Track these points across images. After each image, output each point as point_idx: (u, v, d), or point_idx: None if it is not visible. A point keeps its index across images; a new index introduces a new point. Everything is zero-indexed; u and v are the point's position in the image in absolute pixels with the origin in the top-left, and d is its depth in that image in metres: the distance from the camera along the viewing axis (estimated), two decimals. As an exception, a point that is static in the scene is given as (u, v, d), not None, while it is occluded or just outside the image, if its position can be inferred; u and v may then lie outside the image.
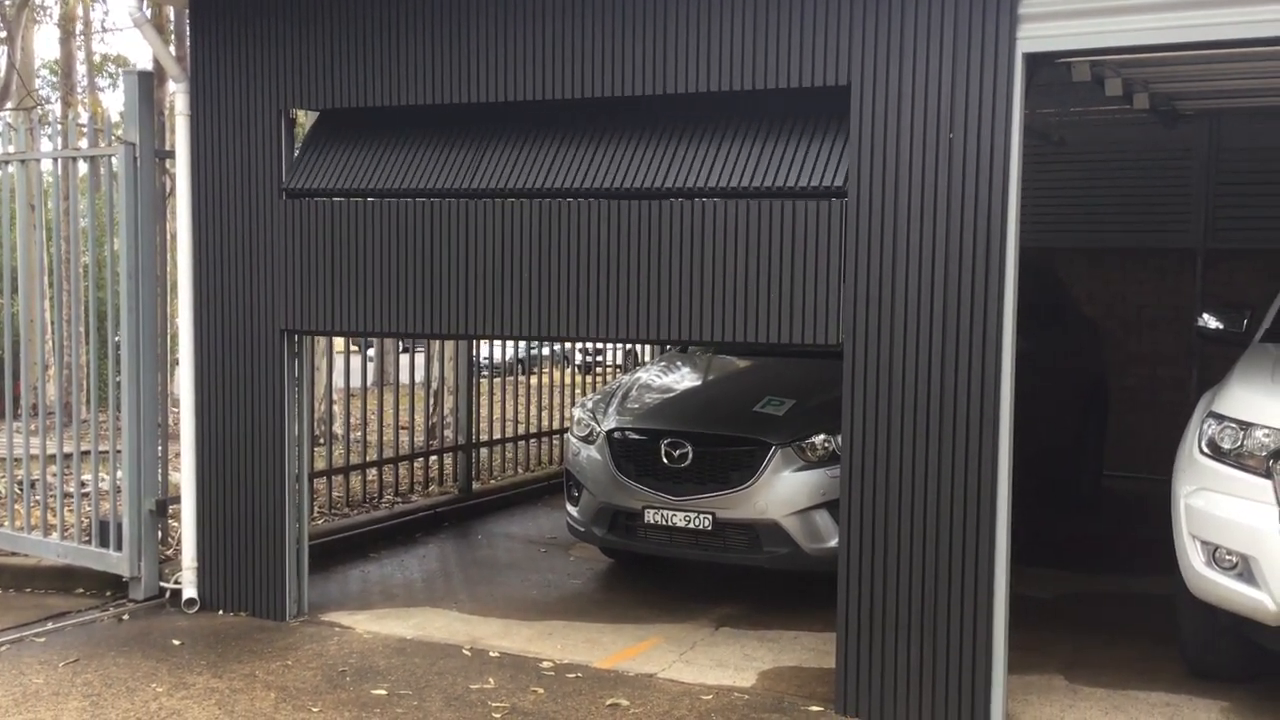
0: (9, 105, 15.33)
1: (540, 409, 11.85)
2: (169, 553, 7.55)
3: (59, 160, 7.59)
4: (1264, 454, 5.23)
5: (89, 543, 7.43)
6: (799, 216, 5.51)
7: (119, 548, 7.22)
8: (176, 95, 6.95)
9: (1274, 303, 6.65)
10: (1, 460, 8.25)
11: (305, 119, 6.98)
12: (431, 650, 6.38)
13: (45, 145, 7.83)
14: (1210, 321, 6.73)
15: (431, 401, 10.84)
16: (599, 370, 15.38)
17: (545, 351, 18.53)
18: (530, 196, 6.08)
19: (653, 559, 7.92)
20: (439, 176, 6.31)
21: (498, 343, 12.30)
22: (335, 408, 11.33)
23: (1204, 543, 5.40)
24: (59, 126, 7.70)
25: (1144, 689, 5.85)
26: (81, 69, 20.59)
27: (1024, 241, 5.34)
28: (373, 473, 9.68)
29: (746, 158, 5.69)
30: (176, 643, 6.45)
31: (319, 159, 6.65)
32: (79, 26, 19.33)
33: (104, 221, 7.34)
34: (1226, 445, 5.40)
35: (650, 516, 7.18)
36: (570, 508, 7.79)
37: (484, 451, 10.85)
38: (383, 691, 5.74)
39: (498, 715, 5.46)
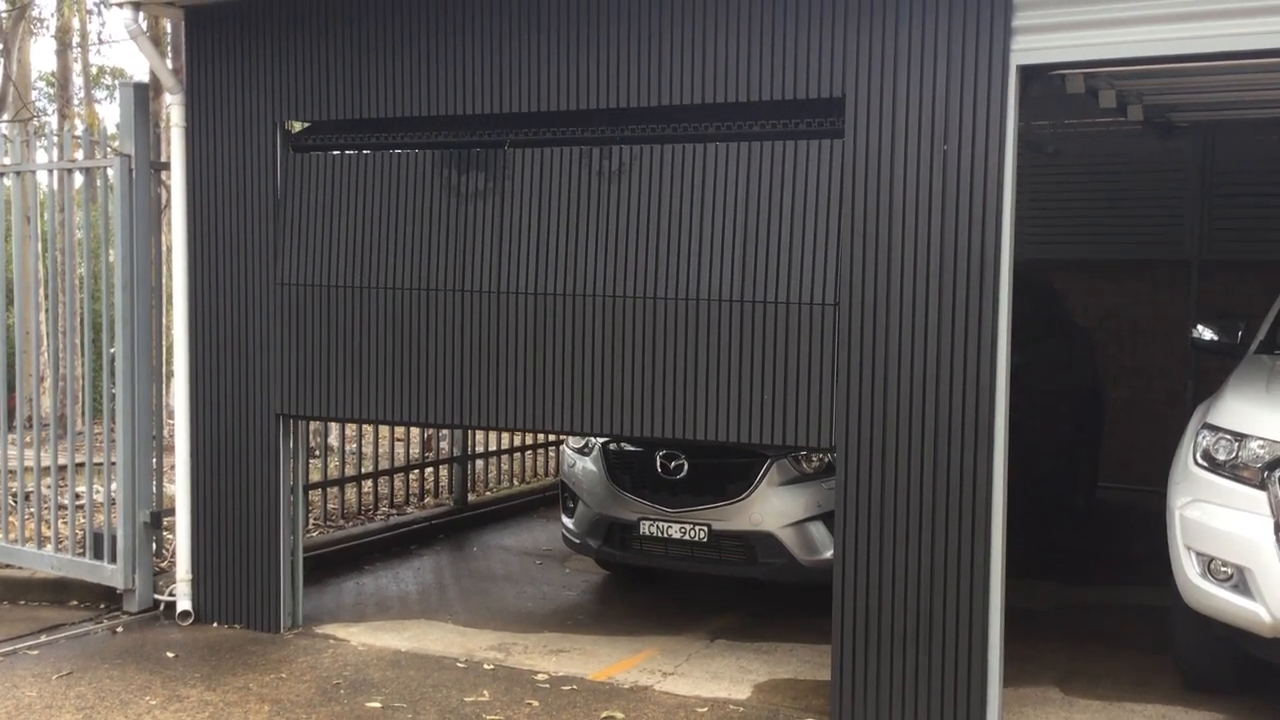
0: (5, 117, 15.34)
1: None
2: (163, 565, 7.53)
3: (55, 172, 7.59)
4: (1259, 465, 5.23)
5: (83, 555, 7.41)
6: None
7: (113, 560, 7.20)
8: (172, 107, 6.95)
9: (1269, 314, 6.66)
10: (-4, 472, 8.22)
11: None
12: (426, 662, 6.37)
13: (41, 157, 7.82)
14: (1205, 333, 6.73)
15: (427, 413, 10.83)
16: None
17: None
18: (522, 294, 6.09)
19: (648, 571, 7.90)
20: (427, 269, 6.27)
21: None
22: (331, 419, 11.32)
23: (1199, 554, 5.40)
24: (55, 138, 7.71)
25: (1139, 701, 5.85)
26: (78, 81, 20.56)
27: (1019, 253, 5.35)
28: (368, 485, 9.66)
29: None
30: (170, 655, 6.43)
31: (302, 236, 6.62)
32: (76, 38, 19.32)
33: (100, 233, 7.32)
34: (1221, 457, 5.40)
35: (646, 528, 7.17)
36: (565, 520, 7.78)
37: (479, 463, 10.84)
38: (377, 704, 5.73)
39: (492, 728, 5.46)
